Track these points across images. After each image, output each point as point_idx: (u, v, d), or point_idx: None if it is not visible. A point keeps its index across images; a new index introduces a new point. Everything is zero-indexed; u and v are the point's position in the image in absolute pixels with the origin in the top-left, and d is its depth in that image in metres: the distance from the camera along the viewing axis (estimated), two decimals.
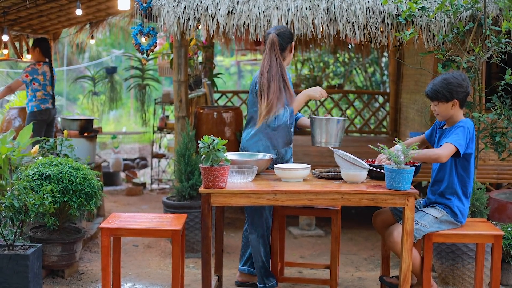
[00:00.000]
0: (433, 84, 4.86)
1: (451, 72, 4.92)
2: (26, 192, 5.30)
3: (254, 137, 5.39)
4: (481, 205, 5.94)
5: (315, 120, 5.35)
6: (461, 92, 4.81)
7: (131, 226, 4.81)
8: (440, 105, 4.84)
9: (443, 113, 4.86)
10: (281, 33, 5.36)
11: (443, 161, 4.66)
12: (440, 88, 4.81)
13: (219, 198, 4.55)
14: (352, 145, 10.37)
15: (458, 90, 4.79)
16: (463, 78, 4.84)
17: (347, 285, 6.17)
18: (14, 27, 8.95)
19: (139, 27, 7.00)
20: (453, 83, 4.80)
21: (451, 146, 4.64)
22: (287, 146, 5.49)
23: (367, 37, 6.47)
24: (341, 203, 4.58)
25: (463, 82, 4.81)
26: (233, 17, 6.49)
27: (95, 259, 6.79)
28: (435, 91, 4.83)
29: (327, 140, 5.34)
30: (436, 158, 4.64)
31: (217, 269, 5.56)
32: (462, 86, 4.80)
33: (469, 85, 4.85)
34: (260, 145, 5.38)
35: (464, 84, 4.81)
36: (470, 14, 6.30)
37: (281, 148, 5.42)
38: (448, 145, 4.65)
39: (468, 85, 4.85)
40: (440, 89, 4.81)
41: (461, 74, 4.87)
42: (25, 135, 6.84)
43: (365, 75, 15.66)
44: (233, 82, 23.25)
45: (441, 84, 4.82)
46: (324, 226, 8.39)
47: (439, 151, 4.65)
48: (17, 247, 5.39)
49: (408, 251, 4.54)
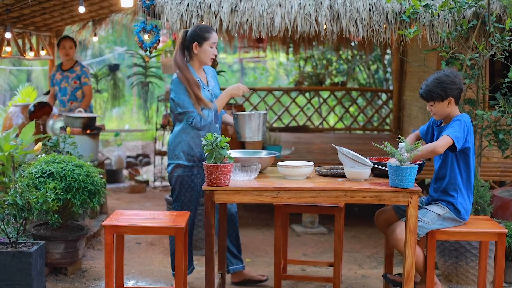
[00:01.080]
0: (426, 85, 4.86)
1: (442, 71, 4.91)
2: (29, 189, 5.30)
3: (176, 138, 5.54)
4: (484, 203, 5.93)
5: (238, 116, 5.45)
6: (455, 89, 4.81)
7: (134, 224, 4.80)
8: (436, 105, 4.84)
9: (440, 112, 4.86)
10: (189, 31, 5.50)
11: (439, 152, 4.65)
12: (434, 88, 4.81)
13: (222, 196, 4.55)
14: (355, 142, 10.36)
15: (451, 88, 4.80)
16: (455, 75, 4.84)
17: (350, 283, 6.17)
18: (17, 24, 8.95)
19: (142, 25, 6.99)
20: (446, 81, 4.80)
21: (447, 137, 4.65)
22: None
23: (371, 34, 6.46)
24: (345, 200, 4.58)
25: (455, 78, 4.82)
26: (236, 15, 6.49)
27: (98, 257, 6.79)
28: (429, 91, 4.83)
29: (252, 135, 5.45)
30: (433, 150, 4.63)
31: (220, 266, 5.56)
32: (455, 83, 4.81)
33: (461, 81, 4.87)
34: (184, 145, 5.50)
35: (457, 80, 4.82)
36: (474, 12, 6.29)
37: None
38: (444, 137, 4.66)
39: (461, 81, 4.86)
40: (434, 88, 4.81)
41: (452, 71, 4.88)
42: (28, 133, 6.84)
43: (368, 73, 15.64)
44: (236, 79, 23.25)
45: (434, 84, 4.82)
46: (327, 223, 8.38)
47: (435, 143, 4.66)
48: (20, 245, 5.40)
49: (412, 248, 4.54)
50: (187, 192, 5.56)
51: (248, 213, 9.06)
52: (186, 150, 5.48)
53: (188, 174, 5.53)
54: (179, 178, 5.54)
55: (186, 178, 5.54)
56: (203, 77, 5.58)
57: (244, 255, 7.02)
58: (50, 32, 10.27)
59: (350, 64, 15.60)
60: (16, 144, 6.48)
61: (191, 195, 5.58)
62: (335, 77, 15.41)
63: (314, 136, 11.77)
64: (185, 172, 5.52)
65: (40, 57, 10.12)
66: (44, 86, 19.12)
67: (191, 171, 5.53)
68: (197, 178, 5.57)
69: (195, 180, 5.57)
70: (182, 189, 5.55)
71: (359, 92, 13.72)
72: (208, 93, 5.50)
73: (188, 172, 5.52)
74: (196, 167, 5.53)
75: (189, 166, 5.51)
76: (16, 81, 17.85)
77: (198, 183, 5.58)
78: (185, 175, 5.53)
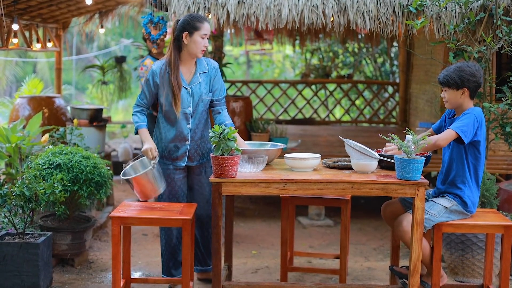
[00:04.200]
0: (446, 71, 4.87)
1: (465, 62, 4.91)
2: (36, 181, 5.32)
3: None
4: (491, 196, 5.93)
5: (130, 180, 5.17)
6: (472, 82, 4.79)
7: (141, 215, 4.82)
8: (450, 92, 4.83)
9: (452, 100, 4.85)
10: (180, 20, 5.30)
11: (441, 145, 4.66)
12: (453, 75, 4.80)
13: (229, 187, 4.56)
14: (362, 135, 10.36)
15: (469, 79, 4.78)
16: (477, 69, 4.82)
17: (356, 275, 6.17)
18: (24, 16, 8.96)
19: (149, 17, 7.00)
20: (466, 71, 4.79)
21: (450, 131, 4.65)
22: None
23: (378, 27, 6.45)
24: (351, 192, 4.58)
25: (476, 72, 4.80)
26: (243, 7, 6.48)
27: (105, 248, 6.81)
28: (447, 76, 4.83)
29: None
30: (434, 143, 4.63)
31: (226, 258, 5.57)
32: (474, 76, 4.79)
33: (481, 77, 4.84)
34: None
35: (477, 74, 4.80)
36: (481, 4, 6.27)
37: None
38: (448, 130, 4.67)
39: (481, 77, 4.83)
40: (453, 75, 4.80)
41: (475, 64, 4.86)
42: (35, 124, 6.86)
43: (375, 65, 15.60)
44: (242, 71, 23.21)
45: (454, 71, 4.81)
46: (333, 216, 8.39)
47: (437, 136, 4.67)
48: (28, 236, 5.42)
49: (418, 241, 4.54)
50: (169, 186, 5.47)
51: (254, 205, 9.08)
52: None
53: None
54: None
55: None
56: (188, 73, 5.33)
57: (250, 247, 7.06)
58: (56, 24, 10.28)
59: (357, 57, 15.56)
60: (23, 135, 6.50)
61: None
62: (342, 69, 15.39)
63: (320, 128, 11.77)
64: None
65: (47, 49, 10.13)
66: (49, 78, 19.14)
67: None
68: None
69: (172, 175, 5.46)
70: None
71: (365, 85, 13.70)
72: (185, 91, 5.28)
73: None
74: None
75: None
76: (22, 73, 17.88)
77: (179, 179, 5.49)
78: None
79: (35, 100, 9.01)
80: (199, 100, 5.31)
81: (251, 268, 6.37)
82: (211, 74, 5.38)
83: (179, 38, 5.23)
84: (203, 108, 5.36)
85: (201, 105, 5.34)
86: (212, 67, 5.39)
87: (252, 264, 6.48)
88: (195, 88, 5.30)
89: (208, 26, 5.24)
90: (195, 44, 5.20)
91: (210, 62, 5.41)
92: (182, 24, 5.22)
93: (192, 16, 5.25)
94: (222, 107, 5.46)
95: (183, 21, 5.22)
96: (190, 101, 5.29)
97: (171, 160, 5.38)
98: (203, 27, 5.19)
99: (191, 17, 5.23)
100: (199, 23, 5.19)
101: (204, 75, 5.36)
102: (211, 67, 5.39)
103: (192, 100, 5.29)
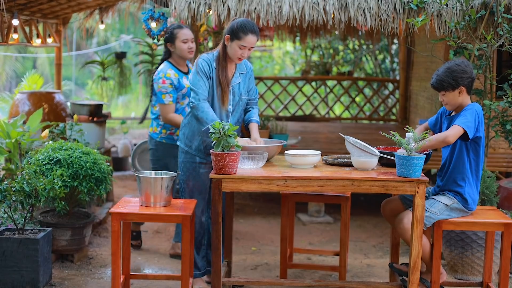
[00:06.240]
0: (437, 75, 4.86)
1: (453, 61, 4.91)
2: (36, 176, 5.32)
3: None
4: (491, 194, 5.93)
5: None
6: (466, 78, 4.80)
7: (141, 211, 4.81)
8: (447, 95, 4.83)
9: (451, 102, 4.85)
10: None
11: (450, 141, 4.65)
12: (445, 77, 4.80)
13: (229, 184, 4.56)
14: (362, 132, 10.35)
15: (462, 77, 4.78)
16: (466, 64, 4.83)
17: (356, 272, 6.18)
18: (24, 11, 8.94)
19: (150, 12, 6.98)
20: (457, 70, 4.79)
21: (458, 127, 4.64)
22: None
23: (379, 24, 6.45)
24: (352, 189, 4.58)
25: (466, 68, 4.81)
26: (244, 3, 6.48)
27: (105, 244, 6.81)
28: (440, 81, 4.82)
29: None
30: (444, 139, 4.63)
31: (226, 254, 5.57)
32: (466, 72, 4.79)
33: (473, 70, 4.85)
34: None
35: (468, 69, 4.81)
36: (482, 2, 6.26)
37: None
38: (455, 126, 4.65)
39: (472, 70, 4.84)
40: (445, 78, 4.80)
41: (463, 61, 4.87)
42: (35, 120, 6.86)
43: (375, 62, 15.60)
44: None
45: (445, 74, 4.81)
46: (333, 213, 8.39)
47: (446, 132, 4.66)
48: (27, 231, 5.42)
49: (418, 238, 4.54)
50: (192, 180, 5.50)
51: (254, 202, 9.08)
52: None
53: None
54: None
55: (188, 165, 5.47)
56: (230, 72, 5.33)
57: (250, 243, 7.06)
58: (57, 20, 10.26)
59: (357, 54, 15.56)
60: (23, 131, 6.50)
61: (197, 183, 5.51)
62: (342, 66, 15.39)
63: (320, 125, 11.75)
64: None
65: (47, 44, 10.11)
66: (49, 74, 19.14)
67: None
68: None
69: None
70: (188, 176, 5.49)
71: (365, 82, 13.67)
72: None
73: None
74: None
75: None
76: (21, 68, 17.88)
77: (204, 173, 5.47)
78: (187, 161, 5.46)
79: (35, 95, 9.00)
80: (239, 99, 5.38)
81: (251, 264, 6.37)
82: (249, 75, 5.44)
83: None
84: (242, 107, 5.44)
85: (240, 104, 5.41)
86: (250, 68, 5.46)
87: (251, 261, 6.49)
88: (235, 87, 5.34)
89: (252, 39, 5.13)
90: (232, 50, 5.16)
91: (247, 63, 5.46)
92: (230, 26, 5.19)
93: (241, 23, 5.14)
94: (254, 106, 5.55)
95: (231, 24, 5.18)
96: (231, 100, 5.32)
97: (205, 155, 5.37)
98: (244, 39, 5.10)
99: (239, 24, 5.13)
100: (242, 33, 5.10)
101: (243, 76, 5.40)
102: (248, 68, 5.45)
103: (232, 98, 5.33)
